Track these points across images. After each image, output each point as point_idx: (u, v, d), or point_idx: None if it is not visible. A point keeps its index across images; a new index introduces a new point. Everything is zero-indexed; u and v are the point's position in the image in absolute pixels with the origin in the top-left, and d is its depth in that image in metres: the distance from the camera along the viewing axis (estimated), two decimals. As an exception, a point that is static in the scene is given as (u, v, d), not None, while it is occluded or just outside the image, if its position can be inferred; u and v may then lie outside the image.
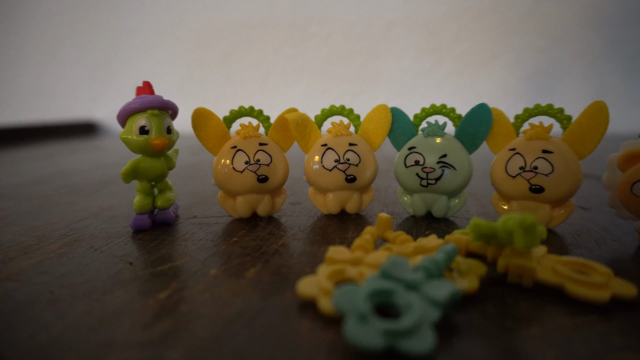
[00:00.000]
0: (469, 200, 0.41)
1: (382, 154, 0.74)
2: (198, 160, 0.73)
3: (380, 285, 0.19)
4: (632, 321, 0.19)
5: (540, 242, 0.22)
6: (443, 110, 0.35)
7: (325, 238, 0.31)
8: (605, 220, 0.34)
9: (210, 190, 0.47)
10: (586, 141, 0.30)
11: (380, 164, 0.60)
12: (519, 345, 0.17)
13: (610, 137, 0.36)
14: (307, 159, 0.36)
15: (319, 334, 0.18)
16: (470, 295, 0.21)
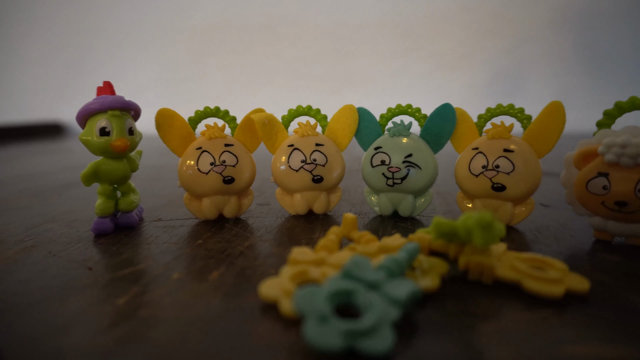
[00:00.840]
0: (435, 199, 0.42)
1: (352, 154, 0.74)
2: (166, 162, 0.72)
3: (340, 285, 0.19)
4: (584, 314, 0.20)
5: (499, 239, 0.22)
6: (409, 110, 0.36)
7: (292, 239, 0.31)
8: (564, 217, 0.35)
9: (177, 192, 0.47)
10: (545, 140, 0.31)
11: (350, 164, 0.61)
12: (476, 342, 0.18)
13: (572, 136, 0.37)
14: (274, 160, 0.36)
15: (280, 336, 0.18)
16: (431, 294, 0.21)
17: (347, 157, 0.38)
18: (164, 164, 0.71)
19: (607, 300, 0.21)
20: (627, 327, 0.18)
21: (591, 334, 0.18)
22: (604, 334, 0.18)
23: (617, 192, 0.27)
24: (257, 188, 0.47)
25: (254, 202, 0.41)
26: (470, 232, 0.21)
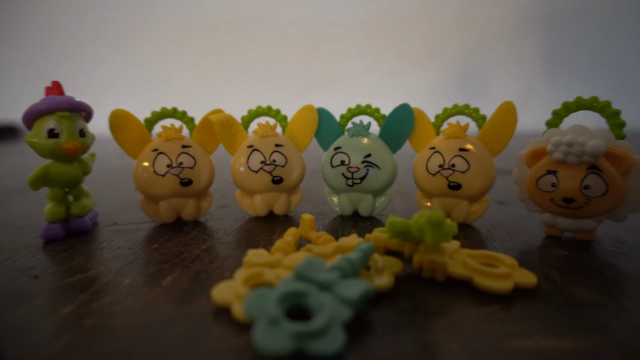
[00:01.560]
0: (395, 199, 0.42)
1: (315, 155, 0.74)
2: (123, 165, 0.70)
3: (292, 287, 0.18)
4: (530, 308, 0.20)
5: (451, 237, 0.22)
6: (368, 110, 0.36)
7: (250, 241, 0.30)
8: (518, 214, 0.36)
9: (134, 196, 0.45)
10: (498, 139, 0.32)
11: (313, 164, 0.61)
12: (427, 338, 0.18)
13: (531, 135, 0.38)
14: (233, 161, 0.35)
15: (231, 340, 0.18)
16: (386, 292, 0.22)
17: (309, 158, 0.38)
18: (121, 166, 0.69)
19: (553, 293, 0.22)
20: (571, 320, 0.19)
21: (536, 327, 0.18)
22: (548, 327, 0.18)
23: (565, 189, 0.28)
24: (217, 190, 0.47)
25: (213, 204, 0.41)
26: (422, 231, 0.21)
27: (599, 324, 0.19)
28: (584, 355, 0.16)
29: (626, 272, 0.24)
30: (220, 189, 0.48)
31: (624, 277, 0.24)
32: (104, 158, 0.83)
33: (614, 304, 0.20)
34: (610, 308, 0.20)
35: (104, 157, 0.84)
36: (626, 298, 0.21)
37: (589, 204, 0.28)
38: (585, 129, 0.28)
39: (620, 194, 0.27)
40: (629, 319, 0.19)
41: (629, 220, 0.29)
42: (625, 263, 0.26)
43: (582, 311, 0.20)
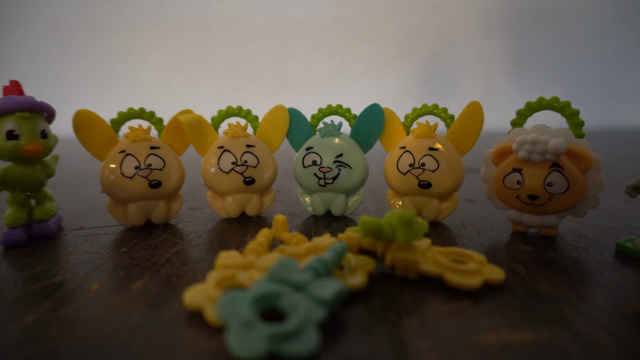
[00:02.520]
0: (368, 198, 0.43)
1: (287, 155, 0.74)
2: (91, 167, 0.68)
3: (265, 289, 0.18)
4: (498, 303, 0.21)
5: (422, 235, 0.23)
6: (339, 111, 0.36)
7: (223, 243, 0.30)
8: (486, 211, 0.37)
9: (102, 199, 0.44)
10: (466, 138, 0.33)
11: (285, 164, 0.61)
12: (399, 336, 0.18)
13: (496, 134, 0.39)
14: (204, 162, 0.35)
15: (204, 344, 0.18)
16: (359, 291, 0.22)
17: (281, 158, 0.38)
18: (87, 169, 0.67)
19: (520, 288, 0.22)
20: (536, 313, 0.20)
21: (504, 321, 0.19)
22: (515, 320, 0.19)
23: (530, 186, 0.29)
24: (188, 192, 0.46)
25: (184, 206, 0.40)
26: (394, 229, 0.22)
27: (562, 316, 0.19)
28: (548, 346, 0.17)
29: (587, 266, 0.25)
30: (191, 190, 0.47)
31: (585, 270, 0.25)
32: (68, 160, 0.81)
33: (575, 297, 0.21)
34: (572, 300, 0.21)
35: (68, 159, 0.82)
36: (587, 290, 0.22)
37: (552, 200, 0.29)
38: (547, 128, 0.29)
39: (580, 190, 0.28)
40: (589, 310, 0.20)
41: (588, 215, 0.30)
42: (586, 257, 0.27)
43: (547, 304, 0.21)
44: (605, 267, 0.25)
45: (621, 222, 0.34)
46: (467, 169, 0.34)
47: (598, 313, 0.20)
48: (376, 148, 0.36)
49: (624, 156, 0.74)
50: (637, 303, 0.21)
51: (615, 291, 0.22)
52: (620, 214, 0.36)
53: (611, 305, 0.20)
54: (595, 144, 0.29)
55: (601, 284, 0.23)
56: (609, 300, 0.21)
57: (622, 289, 0.22)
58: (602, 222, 0.34)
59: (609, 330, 0.18)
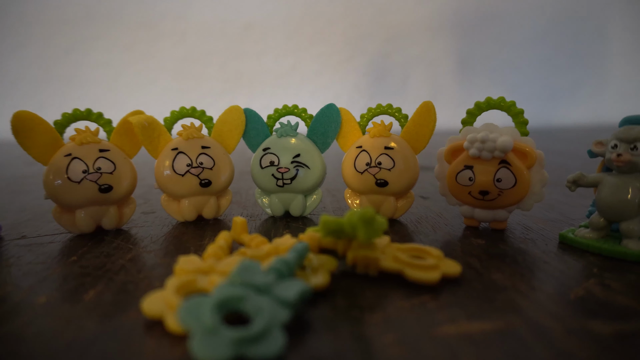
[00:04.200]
0: (326, 197, 0.43)
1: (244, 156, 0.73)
2: (32, 172, 0.64)
3: (228, 293, 0.18)
4: (456, 296, 0.21)
5: (382, 233, 0.23)
6: (295, 111, 0.36)
7: (180, 247, 0.29)
8: (440, 208, 0.38)
9: (47, 205, 0.42)
10: (420, 137, 0.34)
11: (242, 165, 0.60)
12: (363, 333, 0.18)
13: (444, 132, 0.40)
14: (157, 165, 0.34)
15: (166, 353, 0.17)
16: (322, 291, 0.22)
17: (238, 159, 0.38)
18: (29, 173, 0.63)
19: (475, 280, 0.23)
20: (491, 303, 0.21)
21: (461, 313, 0.20)
22: (472, 311, 0.20)
23: (480, 182, 0.30)
24: (141, 195, 0.44)
25: (137, 211, 0.38)
26: (355, 228, 0.22)
27: (515, 305, 0.20)
28: (502, 334, 0.18)
29: (534, 256, 0.27)
30: (144, 194, 0.45)
31: (533, 260, 0.26)
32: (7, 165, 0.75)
33: (526, 286, 0.22)
34: (523, 289, 0.22)
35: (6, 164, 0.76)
36: (536, 279, 0.23)
37: (501, 195, 0.30)
38: (495, 126, 0.30)
39: (526, 185, 0.30)
40: (538, 297, 0.21)
41: (534, 208, 0.32)
42: (533, 248, 0.28)
43: (500, 294, 0.22)
44: (551, 257, 0.27)
45: (562, 214, 0.36)
46: (421, 167, 0.35)
47: (546, 300, 0.21)
48: (333, 148, 0.37)
49: (562, 153, 0.79)
50: (580, 289, 0.22)
51: (560, 279, 0.23)
52: (562, 207, 0.38)
53: (557, 292, 0.22)
54: (537, 142, 0.31)
55: (548, 273, 0.24)
56: (555, 287, 0.22)
57: (566, 277, 0.24)
58: (546, 215, 0.36)
59: (556, 315, 0.19)
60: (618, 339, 0.17)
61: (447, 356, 0.17)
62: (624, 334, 0.18)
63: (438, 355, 0.17)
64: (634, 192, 0.26)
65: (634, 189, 0.26)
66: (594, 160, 0.30)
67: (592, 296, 0.21)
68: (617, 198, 0.26)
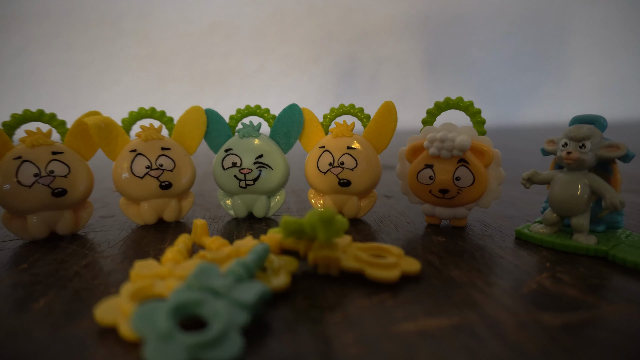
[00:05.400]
0: (290, 198, 0.43)
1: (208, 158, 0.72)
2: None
3: (184, 297, 0.18)
4: (415, 293, 0.22)
5: (343, 232, 0.23)
6: (257, 111, 0.36)
7: (139, 252, 0.29)
8: (403, 206, 0.39)
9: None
10: (381, 137, 0.34)
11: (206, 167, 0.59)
12: (323, 333, 0.18)
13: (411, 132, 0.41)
14: (115, 167, 0.33)
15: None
16: (282, 292, 0.22)
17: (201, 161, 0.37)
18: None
19: (434, 277, 0.24)
20: (449, 299, 0.21)
21: (420, 309, 0.20)
22: (430, 308, 0.20)
23: (440, 181, 0.31)
24: (99, 199, 0.43)
25: (95, 215, 0.37)
26: (315, 228, 0.22)
27: (471, 300, 0.21)
28: (458, 329, 0.18)
29: (492, 252, 0.28)
30: (103, 197, 0.44)
31: (490, 256, 0.27)
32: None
33: (482, 281, 0.23)
34: (480, 285, 0.23)
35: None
36: (492, 275, 0.24)
37: (460, 193, 0.31)
38: (454, 126, 0.31)
39: (484, 183, 0.30)
40: (494, 292, 0.22)
41: (492, 206, 0.33)
42: (490, 244, 0.29)
43: (458, 290, 0.22)
44: (507, 252, 0.27)
45: (519, 211, 0.37)
46: (384, 166, 0.36)
47: (501, 294, 0.22)
48: (298, 148, 0.37)
49: (521, 151, 0.82)
50: (533, 282, 0.23)
51: (515, 273, 0.24)
52: (519, 203, 0.40)
53: (512, 286, 0.22)
54: (498, 140, 0.32)
55: (504, 268, 0.25)
56: (510, 282, 0.23)
57: (521, 271, 0.24)
58: (504, 212, 0.37)
59: (510, 309, 0.20)
60: (566, 330, 0.18)
61: (404, 353, 0.17)
62: (571, 325, 0.18)
63: (396, 352, 0.17)
64: (583, 188, 0.27)
65: (583, 185, 0.27)
66: (551, 158, 0.31)
67: (543, 289, 0.22)
68: (568, 194, 0.27)
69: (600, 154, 0.27)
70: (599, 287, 0.22)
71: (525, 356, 0.16)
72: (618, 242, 0.27)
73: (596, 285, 0.22)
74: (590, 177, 0.27)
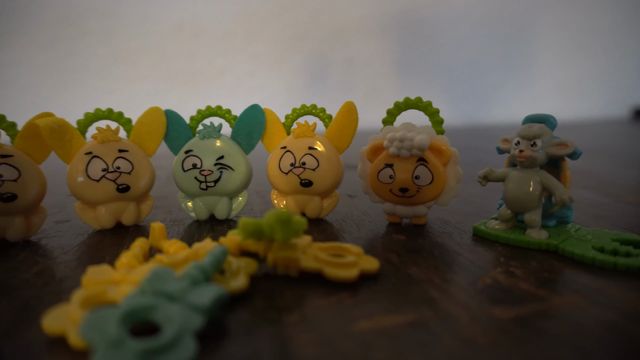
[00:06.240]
0: (254, 199, 0.43)
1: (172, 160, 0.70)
2: None
3: (137, 303, 0.17)
4: (373, 291, 0.22)
5: (302, 233, 0.23)
6: (218, 112, 0.35)
7: (94, 257, 0.28)
8: (365, 206, 0.39)
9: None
10: (343, 137, 0.34)
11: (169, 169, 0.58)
12: (280, 334, 0.18)
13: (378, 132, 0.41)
14: (69, 170, 0.32)
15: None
16: (241, 294, 0.22)
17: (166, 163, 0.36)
18: None
19: (393, 275, 0.24)
20: (406, 297, 0.21)
21: (377, 308, 0.20)
22: (387, 306, 0.21)
23: (400, 180, 0.31)
24: (56, 204, 0.42)
25: (49, 220, 0.36)
26: (272, 229, 0.22)
27: (428, 297, 0.21)
28: (415, 326, 0.19)
29: (449, 249, 0.28)
30: (58, 202, 0.42)
31: (448, 253, 0.27)
32: None
33: (439, 278, 0.24)
34: (436, 281, 0.23)
35: None
36: (449, 272, 0.25)
37: (420, 192, 0.31)
38: (413, 125, 0.32)
39: (442, 181, 0.31)
40: (450, 289, 0.22)
41: (451, 203, 0.34)
42: (449, 241, 0.30)
43: (415, 287, 0.22)
44: (464, 249, 0.28)
45: (478, 208, 0.38)
46: (348, 166, 0.36)
47: (456, 290, 0.22)
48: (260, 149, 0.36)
49: (484, 149, 0.84)
50: (487, 278, 0.23)
51: (470, 269, 0.25)
52: (479, 201, 0.41)
53: (467, 282, 0.23)
54: (463, 139, 0.32)
55: (460, 264, 0.26)
56: (465, 278, 0.24)
57: (476, 267, 0.25)
58: (463, 209, 0.38)
59: (464, 305, 0.20)
60: (517, 322, 0.19)
61: (360, 351, 0.17)
62: (521, 318, 0.19)
63: (352, 351, 0.17)
64: (535, 185, 0.28)
65: (535, 182, 0.28)
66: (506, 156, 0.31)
67: (497, 284, 0.23)
68: (521, 191, 0.28)
69: (550, 152, 0.28)
70: (549, 280, 0.23)
71: (477, 350, 0.17)
72: (568, 236, 0.28)
73: (546, 278, 0.23)
74: (542, 174, 0.28)
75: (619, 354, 0.17)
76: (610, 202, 0.39)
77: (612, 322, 0.19)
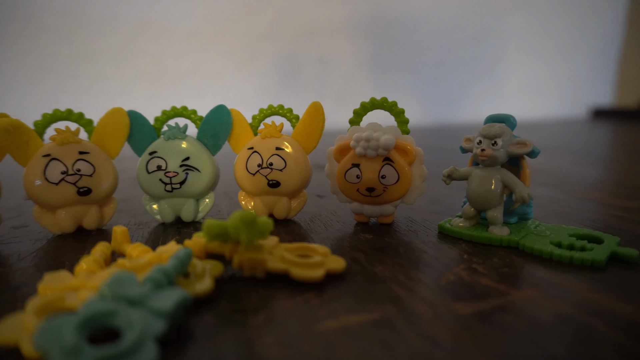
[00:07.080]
0: (222, 200, 0.42)
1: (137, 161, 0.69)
2: None
3: (95, 308, 0.17)
4: (339, 290, 0.22)
5: (268, 234, 0.23)
6: (184, 113, 0.35)
7: (53, 263, 0.27)
8: (334, 206, 0.40)
9: None
10: (310, 137, 0.34)
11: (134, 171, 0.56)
12: (245, 336, 0.18)
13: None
14: (26, 173, 0.31)
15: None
16: (206, 297, 0.21)
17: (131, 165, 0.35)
18: None
19: (359, 274, 0.24)
20: (371, 295, 0.22)
21: (343, 307, 0.20)
22: (352, 305, 0.21)
23: (367, 179, 0.31)
24: (13, 208, 0.40)
25: (5, 226, 0.34)
26: (237, 230, 0.22)
27: (393, 295, 0.22)
28: (379, 324, 0.19)
29: (415, 247, 0.29)
30: (16, 207, 0.41)
31: (413, 251, 0.28)
32: None
33: (404, 276, 0.24)
34: (401, 279, 0.23)
35: None
36: (414, 269, 0.25)
37: (386, 191, 0.32)
38: (379, 125, 0.32)
39: (408, 180, 0.31)
40: (414, 286, 0.23)
41: (418, 202, 0.34)
42: (415, 239, 0.30)
43: (380, 286, 0.23)
44: (429, 246, 0.29)
45: (444, 206, 0.39)
46: (316, 166, 0.36)
47: (421, 287, 0.22)
48: (229, 150, 0.36)
49: (451, 149, 0.86)
50: (450, 274, 0.24)
51: (435, 266, 0.25)
52: (444, 199, 0.41)
53: (431, 279, 0.23)
54: (431, 139, 0.33)
55: (425, 262, 0.26)
56: (430, 275, 0.24)
57: (440, 264, 0.26)
58: (429, 207, 0.38)
59: (428, 301, 0.21)
60: (477, 317, 0.19)
61: (324, 351, 0.17)
62: (482, 312, 0.20)
63: (317, 351, 0.17)
64: (496, 183, 0.29)
65: (496, 180, 0.29)
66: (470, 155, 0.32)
67: (460, 280, 0.23)
68: (483, 189, 0.29)
69: (510, 151, 0.29)
70: (509, 275, 0.24)
71: (438, 345, 0.17)
72: (528, 233, 0.29)
73: (507, 273, 0.24)
74: (502, 172, 0.29)
75: (570, 344, 0.17)
76: (568, 198, 0.41)
77: (566, 314, 0.19)
